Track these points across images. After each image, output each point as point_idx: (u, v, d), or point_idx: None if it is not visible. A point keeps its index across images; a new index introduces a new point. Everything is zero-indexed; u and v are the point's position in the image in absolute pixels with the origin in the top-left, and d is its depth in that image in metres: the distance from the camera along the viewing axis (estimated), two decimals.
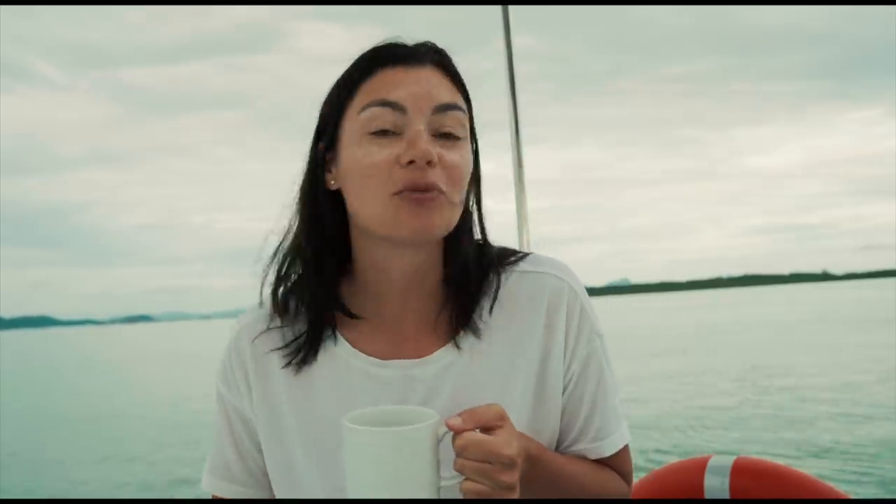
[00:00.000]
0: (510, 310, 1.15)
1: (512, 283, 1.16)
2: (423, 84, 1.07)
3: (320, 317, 1.15)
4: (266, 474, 1.19)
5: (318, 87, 1.14)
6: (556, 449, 1.16)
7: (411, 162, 1.04)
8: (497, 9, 2.31)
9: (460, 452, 0.94)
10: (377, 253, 1.13)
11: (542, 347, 1.14)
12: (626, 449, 1.20)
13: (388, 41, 1.12)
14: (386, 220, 1.06)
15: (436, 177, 1.05)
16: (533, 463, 1.04)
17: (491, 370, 1.13)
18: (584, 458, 1.17)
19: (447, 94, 1.09)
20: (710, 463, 1.71)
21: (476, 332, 1.13)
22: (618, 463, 1.19)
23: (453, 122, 1.08)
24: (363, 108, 1.07)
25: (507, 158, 2.27)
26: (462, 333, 1.13)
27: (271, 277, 1.18)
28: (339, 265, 1.16)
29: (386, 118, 1.06)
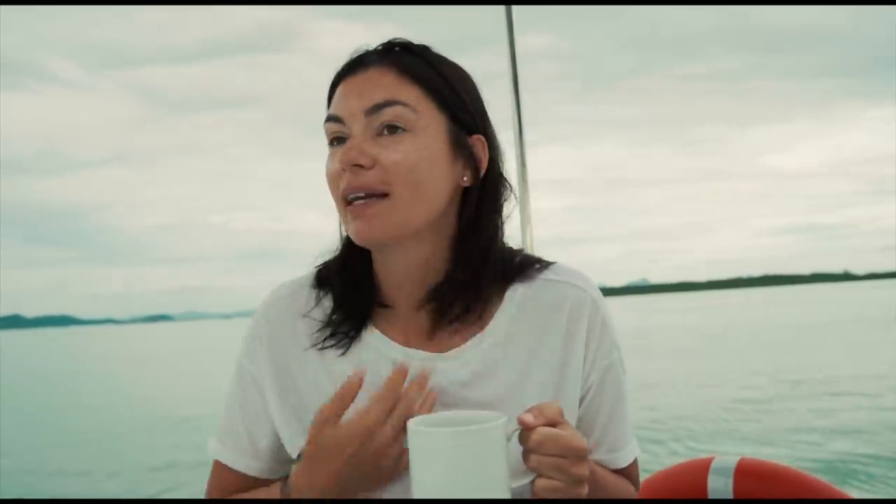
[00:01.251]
0: (531, 317, 1.17)
1: (535, 290, 1.18)
2: (358, 89, 1.12)
3: (358, 305, 1.18)
4: (271, 449, 1.20)
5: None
6: None
7: (345, 169, 1.09)
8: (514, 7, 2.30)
9: (536, 448, 0.94)
10: (375, 250, 1.17)
11: (560, 356, 1.15)
12: (636, 459, 1.23)
13: (358, 48, 1.17)
14: (346, 228, 1.14)
15: (370, 180, 1.09)
16: None
17: (508, 374, 1.15)
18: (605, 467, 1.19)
19: (384, 91, 1.10)
20: (714, 464, 1.72)
21: (483, 336, 1.14)
22: (630, 472, 1.22)
23: (392, 117, 1.10)
24: (325, 121, 1.15)
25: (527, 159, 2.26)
26: (479, 335, 1.15)
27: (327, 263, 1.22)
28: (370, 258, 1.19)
29: (333, 130, 1.13)
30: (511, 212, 1.21)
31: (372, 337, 1.17)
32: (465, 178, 1.15)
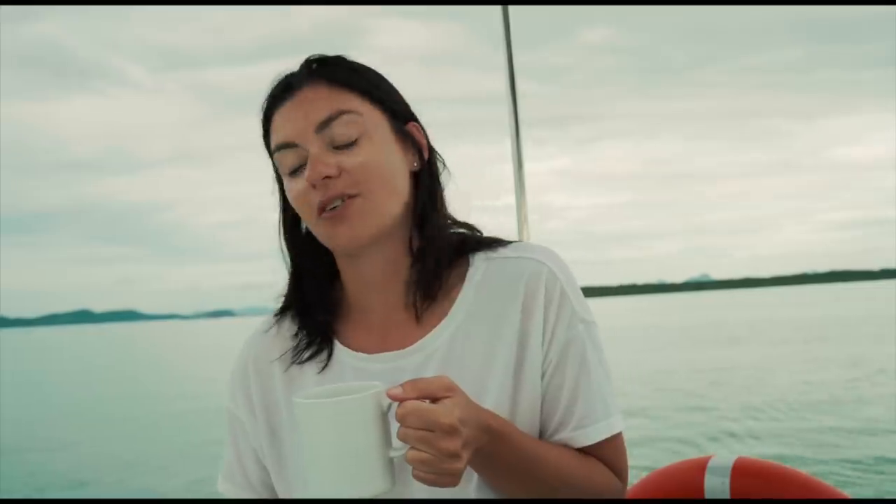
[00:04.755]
0: (490, 295, 1.18)
1: (493, 268, 1.20)
2: (302, 110, 1.14)
3: (312, 320, 1.23)
4: (262, 482, 1.27)
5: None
6: (540, 437, 1.17)
7: (315, 185, 1.12)
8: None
9: (402, 420, 0.96)
10: (344, 256, 1.21)
11: (519, 332, 1.16)
12: (617, 441, 1.18)
13: (278, 76, 1.21)
14: (322, 238, 1.18)
15: (340, 186, 1.12)
16: (496, 437, 1.05)
17: (472, 355, 1.16)
18: (569, 447, 1.16)
19: (326, 105, 1.14)
20: (711, 463, 1.68)
21: (433, 307, 1.18)
22: (606, 455, 1.17)
23: (342, 129, 1.13)
24: (274, 152, 1.18)
25: (582, 156, 2.23)
26: (443, 322, 1.18)
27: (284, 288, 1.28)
28: (329, 270, 1.25)
29: (289, 157, 1.16)
30: (447, 183, 1.26)
31: (337, 349, 1.22)
32: (415, 164, 1.21)
